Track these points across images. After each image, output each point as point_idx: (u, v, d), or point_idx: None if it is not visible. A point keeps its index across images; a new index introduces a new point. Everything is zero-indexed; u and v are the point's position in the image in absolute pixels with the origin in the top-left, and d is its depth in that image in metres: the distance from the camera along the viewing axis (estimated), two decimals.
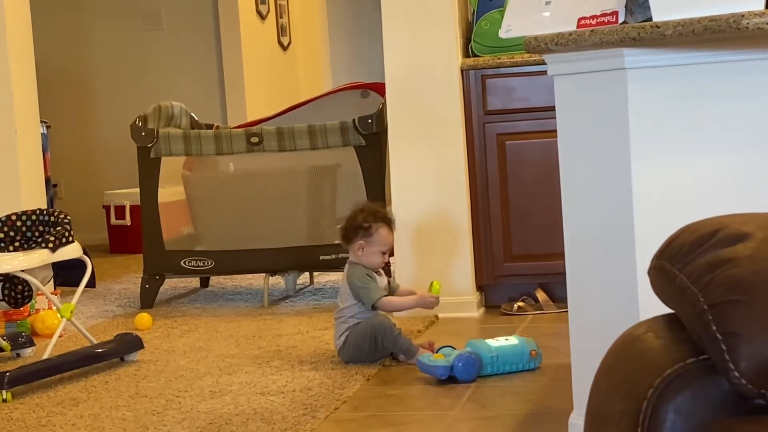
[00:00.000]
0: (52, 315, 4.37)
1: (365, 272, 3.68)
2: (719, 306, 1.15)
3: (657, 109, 2.39)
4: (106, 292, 5.51)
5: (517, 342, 3.49)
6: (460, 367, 3.35)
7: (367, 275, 3.68)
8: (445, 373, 3.35)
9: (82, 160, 7.74)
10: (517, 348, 3.45)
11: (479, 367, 3.39)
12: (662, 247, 1.30)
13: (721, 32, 2.14)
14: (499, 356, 3.42)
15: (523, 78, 4.39)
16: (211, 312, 4.78)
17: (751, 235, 1.20)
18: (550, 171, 3.63)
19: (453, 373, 3.35)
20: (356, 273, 3.68)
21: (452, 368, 3.35)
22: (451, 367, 3.35)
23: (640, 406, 1.19)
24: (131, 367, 3.83)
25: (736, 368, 1.13)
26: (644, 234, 2.38)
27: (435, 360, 3.41)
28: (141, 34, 7.64)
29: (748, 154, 2.36)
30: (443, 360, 3.39)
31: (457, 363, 3.35)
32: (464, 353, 3.39)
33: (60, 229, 3.88)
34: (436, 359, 3.41)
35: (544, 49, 2.49)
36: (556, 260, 3.83)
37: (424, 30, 3.53)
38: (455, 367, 3.35)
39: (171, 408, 3.25)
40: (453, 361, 3.36)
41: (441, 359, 3.40)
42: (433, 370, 3.39)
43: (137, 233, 6.01)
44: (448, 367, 3.35)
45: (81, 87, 7.75)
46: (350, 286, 3.68)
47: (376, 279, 3.71)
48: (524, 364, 3.45)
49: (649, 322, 1.32)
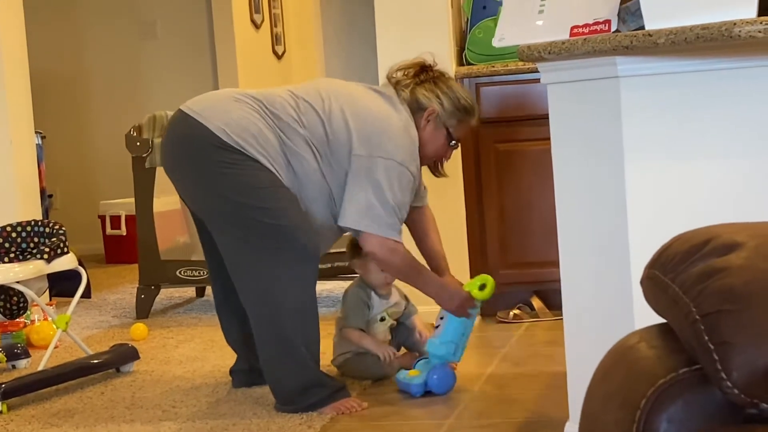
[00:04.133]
0: (48, 326, 4.36)
1: (362, 295, 3.53)
2: (711, 316, 1.15)
3: (650, 117, 2.39)
4: (102, 302, 5.51)
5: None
6: (435, 380, 3.30)
7: (361, 299, 3.52)
8: (419, 391, 3.29)
9: (78, 170, 7.74)
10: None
11: (455, 377, 3.35)
12: (654, 257, 1.30)
13: (713, 40, 2.15)
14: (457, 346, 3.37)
15: (517, 86, 4.39)
16: (207, 322, 4.78)
17: (742, 244, 1.20)
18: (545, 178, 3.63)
19: (429, 387, 3.30)
20: (352, 292, 3.57)
21: (427, 382, 3.29)
22: (425, 382, 3.29)
23: (633, 415, 1.19)
24: (127, 378, 3.82)
25: (729, 378, 1.13)
26: (639, 242, 2.39)
27: (409, 378, 3.33)
28: (136, 44, 7.64)
29: (742, 162, 2.36)
30: (417, 377, 3.31)
31: (432, 376, 3.30)
32: (438, 365, 3.32)
33: (55, 240, 3.88)
34: (411, 376, 3.33)
35: (537, 58, 2.50)
36: (551, 268, 3.84)
37: (418, 38, 3.54)
38: (431, 381, 3.29)
39: (167, 419, 3.24)
40: (427, 375, 3.30)
41: (416, 375, 3.33)
42: (406, 387, 3.32)
43: (133, 243, 6.01)
44: (422, 384, 3.29)
45: (76, 97, 7.75)
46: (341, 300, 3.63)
47: (372, 304, 3.53)
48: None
49: (642, 332, 1.33)
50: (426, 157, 3.38)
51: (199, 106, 3.26)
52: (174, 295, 5.57)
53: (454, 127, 3.37)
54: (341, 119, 3.21)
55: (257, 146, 3.16)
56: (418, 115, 3.33)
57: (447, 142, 3.38)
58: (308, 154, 3.20)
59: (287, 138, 3.19)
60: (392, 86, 3.37)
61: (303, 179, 3.20)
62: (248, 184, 3.15)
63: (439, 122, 3.34)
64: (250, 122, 3.18)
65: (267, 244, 3.14)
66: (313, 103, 3.25)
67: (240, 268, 3.22)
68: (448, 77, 3.43)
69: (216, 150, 3.16)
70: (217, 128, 3.16)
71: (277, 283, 3.15)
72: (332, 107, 3.24)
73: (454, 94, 3.36)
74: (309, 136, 3.20)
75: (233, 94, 3.29)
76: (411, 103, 3.34)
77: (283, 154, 3.18)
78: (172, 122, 3.33)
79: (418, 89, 3.35)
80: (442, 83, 3.38)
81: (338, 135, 3.20)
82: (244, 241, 3.17)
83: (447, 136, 3.37)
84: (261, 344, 3.24)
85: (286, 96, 3.27)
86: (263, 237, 3.14)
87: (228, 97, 3.28)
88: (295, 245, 3.15)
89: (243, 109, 3.21)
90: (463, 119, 3.38)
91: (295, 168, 3.19)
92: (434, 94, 3.34)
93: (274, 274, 3.14)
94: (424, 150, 3.34)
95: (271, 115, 3.22)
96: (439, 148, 3.38)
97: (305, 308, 3.19)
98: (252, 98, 3.26)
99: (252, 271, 3.18)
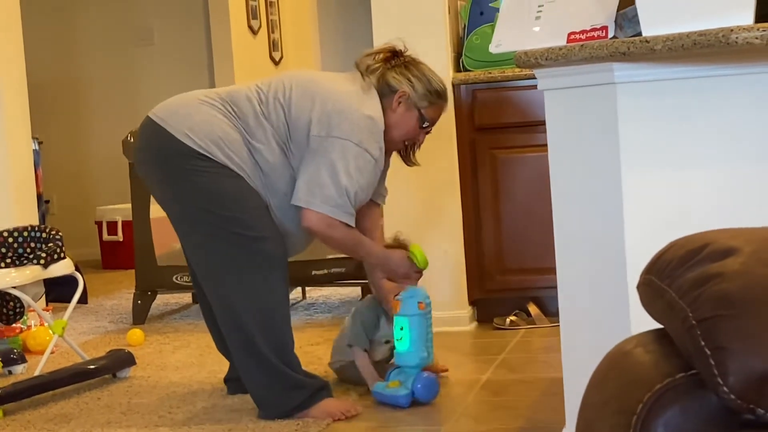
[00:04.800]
0: (44, 331, 4.36)
1: (371, 317, 3.49)
2: (708, 321, 1.15)
3: (647, 123, 2.39)
4: (98, 308, 5.50)
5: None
6: (420, 389, 3.27)
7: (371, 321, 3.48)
8: (408, 402, 3.25)
9: (74, 176, 7.74)
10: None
11: (438, 383, 3.33)
12: (650, 263, 1.30)
13: (710, 47, 2.15)
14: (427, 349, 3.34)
15: (514, 92, 4.40)
16: (203, 328, 4.74)
17: (739, 250, 1.20)
18: (541, 185, 3.63)
19: (415, 397, 3.27)
20: (362, 311, 3.53)
21: (413, 393, 3.26)
22: (411, 392, 3.27)
23: (629, 420, 1.19)
24: (123, 383, 3.82)
25: (725, 383, 1.13)
26: (635, 248, 2.39)
27: (392, 389, 3.29)
28: (133, 50, 7.65)
29: (738, 168, 2.36)
30: (401, 387, 3.27)
31: (417, 386, 3.27)
32: (418, 374, 3.29)
33: (52, 245, 3.88)
34: (393, 387, 3.29)
35: (534, 64, 2.50)
36: (548, 274, 3.84)
37: (415, 45, 3.55)
38: (416, 390, 3.26)
39: (163, 425, 3.24)
40: (412, 385, 3.27)
41: (397, 386, 3.29)
42: (394, 400, 3.27)
43: (129, 249, 6.01)
44: (409, 394, 3.26)
45: (73, 103, 7.75)
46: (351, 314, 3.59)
47: (380, 325, 3.49)
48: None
49: (638, 337, 1.33)
50: (396, 140, 3.35)
51: (165, 112, 3.26)
52: (170, 301, 5.57)
53: (426, 109, 3.35)
54: (301, 103, 3.21)
55: (224, 149, 3.16)
56: (389, 98, 3.31)
57: (419, 125, 3.35)
58: (274, 148, 3.19)
59: (252, 135, 3.19)
60: (360, 71, 3.36)
61: (271, 175, 3.20)
62: (215, 192, 3.15)
63: (410, 104, 3.32)
64: (215, 125, 3.19)
65: (232, 251, 3.15)
66: (277, 92, 3.25)
67: (207, 275, 3.24)
68: (419, 62, 3.41)
69: (182, 157, 3.17)
70: (182, 134, 3.17)
71: (241, 291, 3.16)
72: (293, 93, 3.24)
73: (425, 77, 3.35)
74: (272, 130, 3.20)
75: (199, 95, 3.30)
76: (381, 86, 3.32)
77: (249, 152, 3.19)
78: (141, 129, 3.34)
79: (389, 72, 3.34)
80: (413, 67, 3.37)
81: (298, 120, 3.20)
82: (210, 249, 3.19)
83: (419, 118, 3.35)
84: (232, 350, 3.26)
85: (250, 92, 3.27)
86: (228, 245, 3.15)
87: (194, 99, 3.28)
88: (260, 254, 3.15)
89: (207, 111, 3.22)
90: (435, 102, 3.37)
91: (262, 165, 3.19)
92: (405, 77, 3.33)
93: (239, 281, 3.15)
94: (395, 132, 3.32)
95: (236, 113, 3.22)
96: (410, 130, 3.36)
97: (271, 314, 3.19)
98: (217, 98, 3.26)
99: (217, 279, 3.20)
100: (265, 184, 3.21)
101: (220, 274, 3.18)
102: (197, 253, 3.27)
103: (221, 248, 3.17)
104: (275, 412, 3.21)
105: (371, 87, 3.31)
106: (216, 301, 3.24)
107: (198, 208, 3.17)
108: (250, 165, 3.19)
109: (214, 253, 3.18)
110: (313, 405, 3.21)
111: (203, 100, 3.26)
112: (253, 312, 3.16)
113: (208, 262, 3.22)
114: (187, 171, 3.16)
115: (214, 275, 3.21)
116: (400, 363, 3.34)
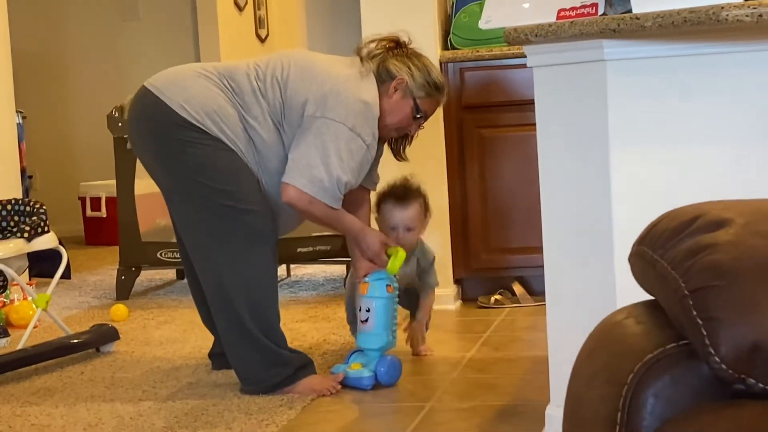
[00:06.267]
0: (27, 305, 4.34)
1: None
2: (700, 291, 1.15)
3: (636, 101, 2.39)
4: (82, 283, 5.49)
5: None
6: (383, 372, 3.26)
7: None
8: (371, 383, 3.24)
9: (58, 151, 7.70)
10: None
11: (401, 367, 3.32)
12: (643, 234, 1.30)
13: (700, 24, 2.15)
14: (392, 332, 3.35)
15: (502, 71, 4.39)
16: (187, 304, 4.76)
17: (731, 221, 1.20)
18: (528, 164, 3.63)
19: (378, 380, 3.26)
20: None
21: (376, 375, 3.26)
22: (375, 374, 3.26)
23: (620, 391, 1.19)
24: (107, 358, 3.81)
25: (717, 353, 1.13)
26: (623, 226, 2.39)
27: (355, 371, 3.27)
28: (118, 25, 7.60)
29: (727, 146, 2.36)
30: (364, 369, 3.26)
31: (380, 368, 3.26)
32: (384, 358, 3.29)
33: (35, 219, 3.86)
34: (356, 369, 3.27)
35: (523, 41, 2.49)
36: (533, 254, 3.86)
37: (403, 22, 3.53)
38: (379, 373, 3.26)
39: (147, 399, 3.23)
40: (375, 368, 3.26)
41: (359, 369, 3.27)
42: (357, 382, 3.25)
43: (113, 225, 5.99)
44: (372, 377, 3.25)
45: (57, 77, 7.71)
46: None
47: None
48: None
49: (629, 308, 1.33)
50: (389, 127, 3.33)
51: (161, 82, 3.24)
52: (155, 277, 5.56)
53: (422, 100, 3.33)
54: (298, 83, 3.19)
55: (218, 123, 3.15)
56: (386, 85, 3.30)
57: (413, 114, 3.33)
58: (269, 126, 3.19)
59: (248, 111, 3.18)
60: (361, 57, 3.35)
61: (264, 152, 3.19)
62: (207, 165, 3.14)
63: (407, 92, 3.31)
64: (211, 98, 3.17)
65: (222, 225, 3.14)
66: (275, 70, 3.24)
67: (196, 248, 3.24)
68: (422, 55, 3.40)
69: (177, 128, 3.16)
70: (177, 105, 3.16)
71: (229, 264, 3.15)
72: (291, 72, 3.22)
73: (425, 68, 3.34)
74: (268, 108, 3.19)
75: (197, 68, 3.28)
76: (380, 72, 3.30)
77: (243, 128, 3.18)
78: (136, 98, 3.32)
79: (390, 59, 3.33)
80: (414, 58, 3.36)
81: (293, 99, 3.18)
82: (201, 221, 3.18)
83: (413, 107, 3.33)
84: (218, 325, 3.26)
85: (248, 68, 3.26)
86: (219, 218, 3.14)
87: (191, 71, 3.26)
88: (250, 228, 3.15)
89: (204, 85, 3.20)
90: (432, 94, 3.35)
91: (256, 142, 3.18)
92: (405, 65, 3.32)
93: (228, 255, 3.15)
94: (388, 119, 3.30)
95: (233, 89, 3.21)
96: (403, 118, 3.34)
97: (260, 290, 3.19)
98: (215, 72, 3.25)
99: (206, 252, 3.19)
100: (258, 162, 3.20)
101: (209, 247, 3.18)
102: (187, 224, 3.26)
103: (211, 220, 3.16)
104: (259, 387, 3.20)
105: (369, 72, 3.29)
106: (204, 274, 3.23)
107: (189, 180, 3.16)
108: (243, 141, 3.18)
109: (204, 224, 3.17)
110: (297, 381, 3.21)
111: (201, 73, 3.24)
112: (241, 286, 3.16)
113: (197, 233, 3.21)
114: (180, 142, 3.15)
115: (203, 247, 3.20)
116: (363, 345, 3.34)
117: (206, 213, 3.16)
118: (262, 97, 3.20)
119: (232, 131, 3.17)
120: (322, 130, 3.14)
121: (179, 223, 3.31)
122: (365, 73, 3.27)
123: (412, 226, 3.50)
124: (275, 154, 3.20)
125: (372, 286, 3.32)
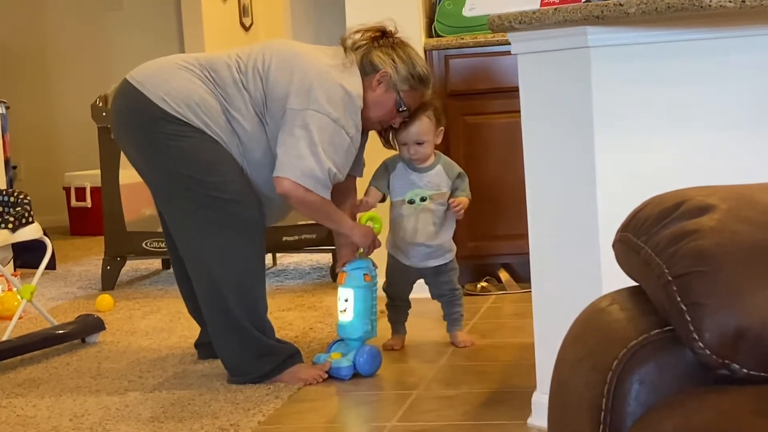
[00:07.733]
0: (12, 296, 4.33)
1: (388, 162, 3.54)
2: (684, 277, 1.15)
3: (620, 88, 2.39)
4: (67, 273, 5.47)
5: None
6: (362, 362, 3.25)
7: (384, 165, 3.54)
8: (349, 373, 3.23)
9: (42, 141, 7.67)
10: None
11: (381, 358, 3.32)
12: (627, 220, 1.30)
13: (683, 10, 2.15)
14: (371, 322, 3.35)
15: (486, 58, 4.39)
16: (173, 293, 4.75)
17: (715, 207, 1.20)
18: (512, 151, 3.63)
19: (356, 370, 3.25)
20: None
21: (354, 365, 3.25)
22: (353, 364, 3.25)
23: (605, 377, 1.19)
24: (93, 348, 3.80)
25: (701, 339, 1.13)
26: (608, 213, 2.39)
27: (335, 361, 3.26)
28: (102, 14, 7.57)
29: (710, 132, 2.37)
30: (343, 359, 3.26)
31: (359, 359, 3.25)
32: (363, 347, 3.28)
33: (20, 209, 3.85)
34: (335, 359, 3.27)
35: (507, 28, 2.49)
36: (519, 240, 3.85)
37: (387, 10, 3.52)
38: (357, 363, 3.25)
39: (133, 389, 3.23)
40: (354, 358, 3.25)
41: (339, 358, 3.27)
42: (336, 372, 3.24)
43: (98, 215, 5.97)
44: (351, 367, 3.24)
45: (41, 67, 7.67)
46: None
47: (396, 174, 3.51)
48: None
49: (613, 295, 1.33)
50: (372, 119, 3.31)
51: (142, 75, 3.23)
52: (140, 267, 5.55)
53: (406, 93, 3.31)
54: (279, 75, 3.17)
55: (200, 115, 3.14)
56: (370, 77, 3.27)
57: (395, 108, 3.32)
58: (252, 117, 3.18)
59: (231, 103, 3.17)
60: (345, 47, 3.33)
61: (247, 144, 3.18)
62: (192, 156, 3.13)
63: (390, 85, 3.28)
64: (192, 90, 3.16)
65: (209, 216, 3.13)
66: (256, 61, 3.22)
67: (183, 240, 3.23)
68: (407, 45, 3.37)
69: (159, 121, 3.14)
70: (158, 98, 3.14)
71: (217, 256, 3.15)
72: (272, 64, 3.20)
73: (410, 61, 3.31)
74: (251, 99, 3.18)
75: (178, 60, 3.27)
76: (364, 64, 3.28)
77: (226, 120, 3.17)
78: (117, 92, 3.31)
79: (374, 51, 3.30)
80: (399, 49, 3.33)
81: (274, 91, 3.17)
82: (187, 213, 3.17)
83: (397, 101, 3.31)
84: (206, 315, 3.25)
85: (230, 59, 3.24)
86: (206, 209, 3.14)
87: (172, 64, 3.25)
88: (237, 218, 3.14)
89: (185, 77, 3.19)
90: (416, 87, 3.33)
91: (239, 133, 3.17)
92: (389, 57, 3.30)
93: (215, 246, 3.14)
94: (371, 112, 3.28)
95: (214, 80, 3.20)
96: (386, 112, 3.32)
97: (248, 281, 3.18)
98: (196, 64, 3.24)
99: (194, 244, 3.19)
100: (242, 153, 3.19)
101: (196, 238, 3.17)
102: (173, 216, 3.25)
103: (197, 211, 3.15)
104: (246, 377, 3.20)
105: (353, 63, 3.27)
106: (191, 264, 3.22)
107: (174, 172, 3.15)
108: (227, 132, 3.16)
109: (190, 215, 3.17)
110: (285, 371, 3.21)
111: (181, 65, 3.22)
112: (228, 276, 3.15)
113: (184, 225, 3.20)
114: (163, 135, 3.14)
115: (190, 238, 3.19)
116: (343, 335, 3.34)
117: (192, 204, 3.15)
118: (244, 88, 3.18)
119: (214, 123, 3.15)
120: (308, 122, 3.12)
121: (166, 216, 3.30)
122: (348, 65, 3.25)
123: (421, 140, 3.47)
124: (259, 145, 3.19)
125: (349, 275, 3.32)
